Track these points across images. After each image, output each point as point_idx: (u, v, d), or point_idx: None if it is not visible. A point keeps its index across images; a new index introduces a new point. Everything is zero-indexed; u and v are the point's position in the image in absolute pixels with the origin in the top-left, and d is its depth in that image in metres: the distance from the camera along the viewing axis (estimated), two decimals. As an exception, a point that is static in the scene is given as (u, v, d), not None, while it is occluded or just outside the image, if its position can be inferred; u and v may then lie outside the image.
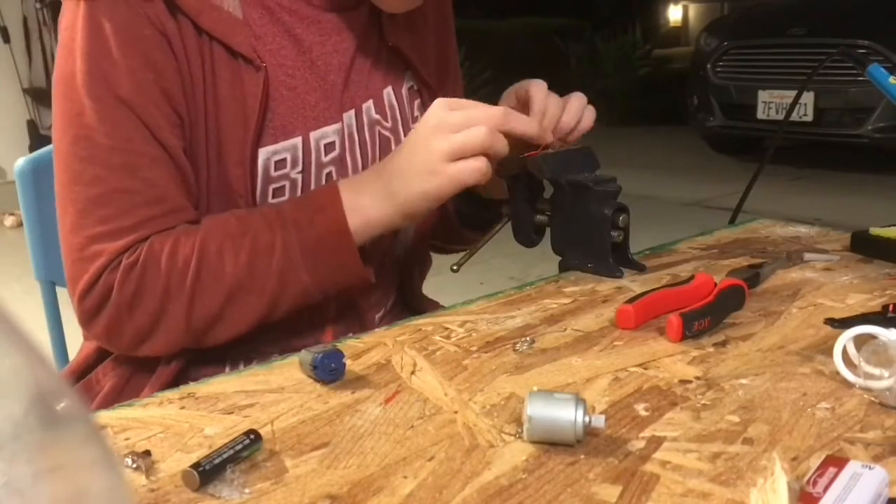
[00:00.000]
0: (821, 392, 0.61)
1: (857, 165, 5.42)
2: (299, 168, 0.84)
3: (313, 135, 0.85)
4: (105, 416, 0.60)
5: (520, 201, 0.93)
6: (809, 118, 5.06)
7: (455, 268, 0.93)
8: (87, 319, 0.80)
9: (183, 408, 0.61)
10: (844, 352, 0.62)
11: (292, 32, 0.84)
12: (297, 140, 0.84)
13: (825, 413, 0.58)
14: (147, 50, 0.76)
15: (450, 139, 0.77)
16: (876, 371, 0.59)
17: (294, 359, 0.68)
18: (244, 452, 0.52)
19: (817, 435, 0.55)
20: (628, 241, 0.90)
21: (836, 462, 0.47)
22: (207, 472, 0.50)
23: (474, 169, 0.78)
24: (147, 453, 0.53)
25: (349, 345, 0.72)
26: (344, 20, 0.88)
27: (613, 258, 0.89)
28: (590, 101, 0.92)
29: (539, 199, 0.93)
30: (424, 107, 0.96)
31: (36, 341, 0.27)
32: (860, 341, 0.62)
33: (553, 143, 0.89)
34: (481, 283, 3.14)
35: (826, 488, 0.44)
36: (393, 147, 0.91)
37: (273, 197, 0.84)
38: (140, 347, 0.81)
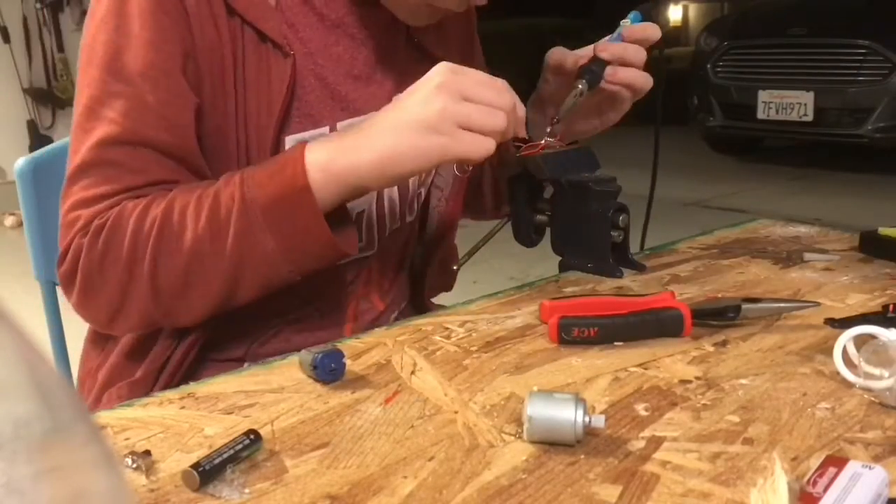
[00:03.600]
0: (821, 392, 0.61)
1: (857, 165, 5.42)
2: None
3: (340, 125, 0.84)
4: (105, 416, 0.60)
5: (520, 201, 0.93)
6: (809, 118, 5.06)
7: (455, 268, 0.93)
8: (65, 287, 0.80)
9: (183, 408, 0.61)
10: (844, 352, 0.62)
11: (325, 24, 0.84)
12: (325, 129, 0.83)
13: (825, 413, 0.58)
14: (168, 29, 0.76)
15: (466, 105, 0.72)
16: (876, 371, 0.59)
17: (294, 359, 0.68)
18: (244, 452, 0.52)
19: (817, 435, 0.55)
20: (628, 241, 0.90)
21: (836, 462, 0.47)
22: (207, 472, 0.50)
23: (485, 147, 0.73)
24: (147, 453, 0.53)
25: (349, 345, 0.72)
26: (371, 16, 0.87)
27: (613, 258, 0.89)
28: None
29: (539, 199, 0.93)
30: None
31: (36, 341, 0.27)
32: (860, 341, 0.62)
33: (553, 143, 0.89)
34: (479, 282, 3.14)
35: (826, 488, 0.44)
36: None
37: None
38: (115, 321, 0.79)
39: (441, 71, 0.74)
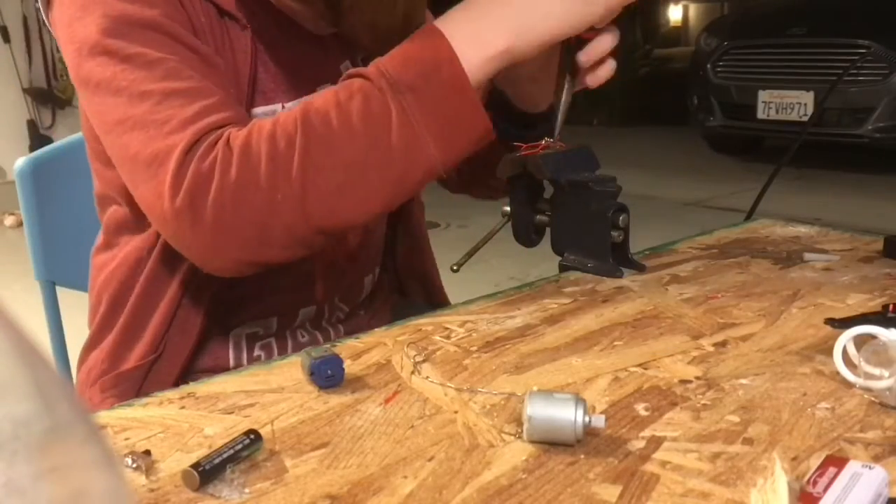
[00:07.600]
0: (821, 392, 0.61)
1: (857, 165, 5.42)
2: None
3: (288, 105, 0.84)
4: (105, 416, 0.60)
5: (520, 201, 0.93)
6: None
7: (455, 268, 0.93)
8: (187, 226, 0.71)
9: (183, 408, 0.61)
10: (844, 352, 0.62)
11: (277, 13, 0.85)
12: (278, 107, 0.84)
13: (825, 413, 0.58)
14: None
15: None
16: (876, 371, 0.59)
17: (294, 359, 0.68)
18: (244, 452, 0.52)
19: (817, 435, 0.55)
20: (628, 241, 0.90)
21: (836, 462, 0.47)
22: (207, 472, 0.50)
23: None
24: (147, 453, 0.53)
25: (349, 345, 0.72)
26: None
27: (613, 258, 0.89)
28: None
29: (539, 199, 0.93)
30: None
31: (36, 341, 0.27)
32: (860, 341, 0.62)
33: (553, 143, 0.89)
34: (479, 282, 3.14)
35: (826, 488, 0.44)
36: None
37: None
38: (258, 253, 0.73)
39: None
